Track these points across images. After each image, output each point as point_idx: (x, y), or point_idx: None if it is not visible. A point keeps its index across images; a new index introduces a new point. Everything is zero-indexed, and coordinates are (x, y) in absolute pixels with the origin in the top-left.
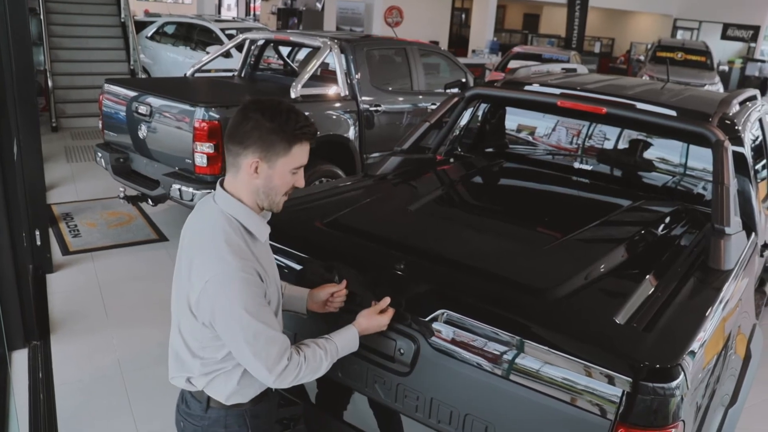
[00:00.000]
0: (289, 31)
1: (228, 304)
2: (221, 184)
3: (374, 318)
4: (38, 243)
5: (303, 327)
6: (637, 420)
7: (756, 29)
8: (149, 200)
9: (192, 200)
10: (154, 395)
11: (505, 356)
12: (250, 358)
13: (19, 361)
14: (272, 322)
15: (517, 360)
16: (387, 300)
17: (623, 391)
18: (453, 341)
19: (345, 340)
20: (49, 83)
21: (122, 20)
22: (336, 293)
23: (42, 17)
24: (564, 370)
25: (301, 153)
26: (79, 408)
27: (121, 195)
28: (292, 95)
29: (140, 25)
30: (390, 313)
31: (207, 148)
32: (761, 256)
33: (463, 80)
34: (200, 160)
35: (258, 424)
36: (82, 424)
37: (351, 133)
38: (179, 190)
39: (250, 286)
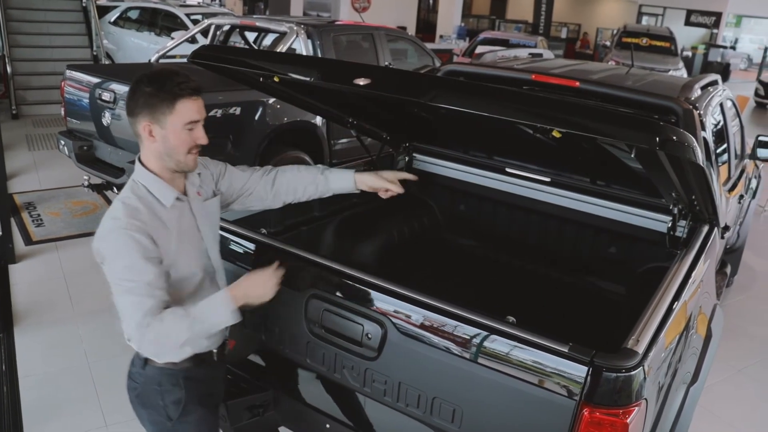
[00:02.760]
0: (255, 16)
1: (112, 256)
2: (138, 159)
3: (255, 280)
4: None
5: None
6: (601, 400)
7: (718, 15)
8: (114, 188)
9: None
10: (121, 385)
11: (473, 340)
12: (122, 309)
13: None
14: (152, 282)
15: (485, 343)
16: (276, 264)
17: (588, 371)
18: (421, 325)
19: (207, 306)
20: (8, 69)
21: (84, 5)
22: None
23: None
24: (530, 352)
25: (186, 109)
26: (45, 400)
27: (86, 183)
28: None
29: (103, 10)
30: (277, 277)
31: None
32: (722, 238)
33: (431, 66)
34: None
35: (192, 386)
36: (47, 417)
37: (318, 119)
38: None
39: (134, 244)
